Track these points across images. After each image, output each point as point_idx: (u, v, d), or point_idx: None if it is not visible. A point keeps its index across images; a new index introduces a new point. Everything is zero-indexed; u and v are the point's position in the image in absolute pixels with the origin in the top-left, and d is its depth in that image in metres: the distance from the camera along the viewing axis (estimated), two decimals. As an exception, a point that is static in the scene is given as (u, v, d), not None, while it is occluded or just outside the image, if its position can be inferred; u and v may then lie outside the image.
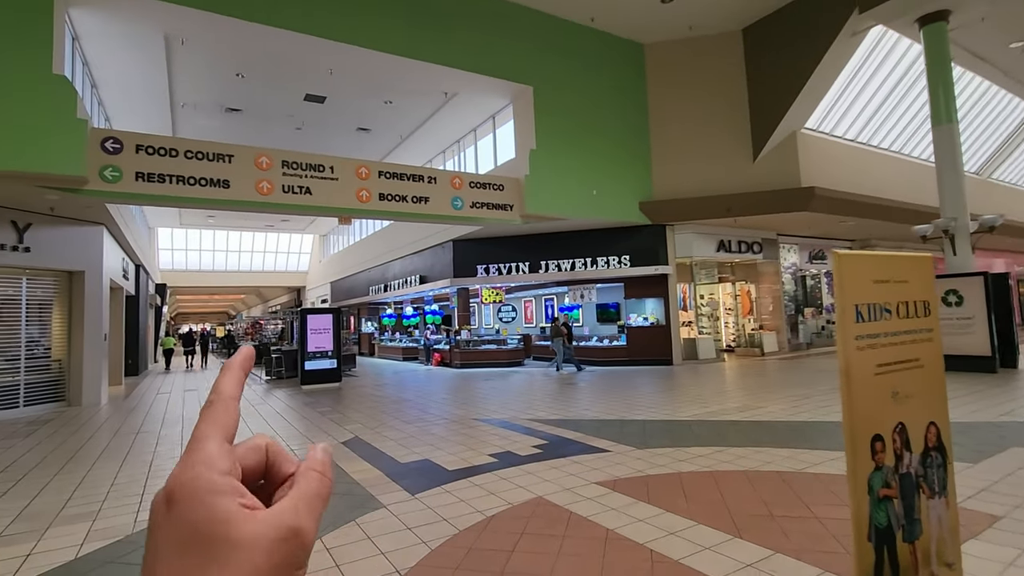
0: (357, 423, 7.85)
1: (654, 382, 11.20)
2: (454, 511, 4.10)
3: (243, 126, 14.52)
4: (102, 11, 8.78)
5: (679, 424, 6.94)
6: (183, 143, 8.75)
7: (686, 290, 15.39)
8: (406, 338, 21.83)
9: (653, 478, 4.74)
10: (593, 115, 13.23)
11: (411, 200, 10.81)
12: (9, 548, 3.69)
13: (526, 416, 7.88)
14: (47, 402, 10.17)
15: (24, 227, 9.54)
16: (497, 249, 15.66)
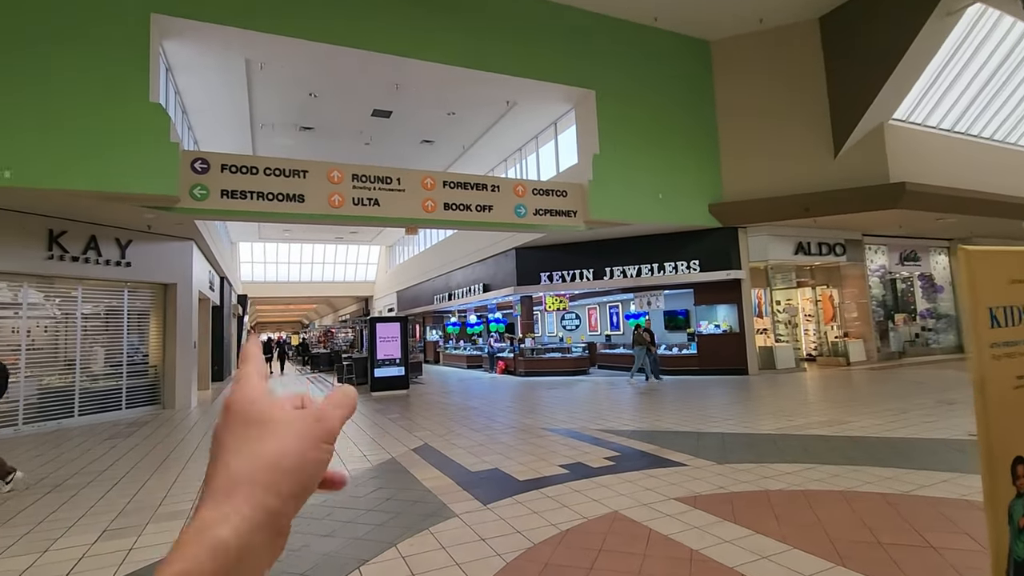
0: (426, 430, 7.92)
1: (729, 392, 10.65)
2: (527, 523, 4.00)
3: (316, 143, 15.24)
4: (191, 41, 9.47)
5: (761, 438, 6.51)
6: (262, 161, 9.25)
7: (761, 295, 14.60)
8: (470, 346, 22.04)
9: (738, 495, 4.43)
10: (657, 117, 12.88)
11: (475, 209, 10.90)
12: (115, 541, 3.94)
13: (595, 426, 7.67)
14: (145, 405, 11.01)
15: (126, 244, 10.41)
16: (560, 256, 15.52)
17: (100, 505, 4.84)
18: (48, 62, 7.64)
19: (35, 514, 4.64)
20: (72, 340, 9.89)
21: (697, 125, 13.43)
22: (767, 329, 14.51)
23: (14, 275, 9.05)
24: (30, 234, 9.03)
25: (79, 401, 9.87)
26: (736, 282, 13.71)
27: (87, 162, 7.65)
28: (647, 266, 14.47)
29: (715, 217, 13.31)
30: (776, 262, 14.19)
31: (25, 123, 7.41)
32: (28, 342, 9.33)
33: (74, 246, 9.58)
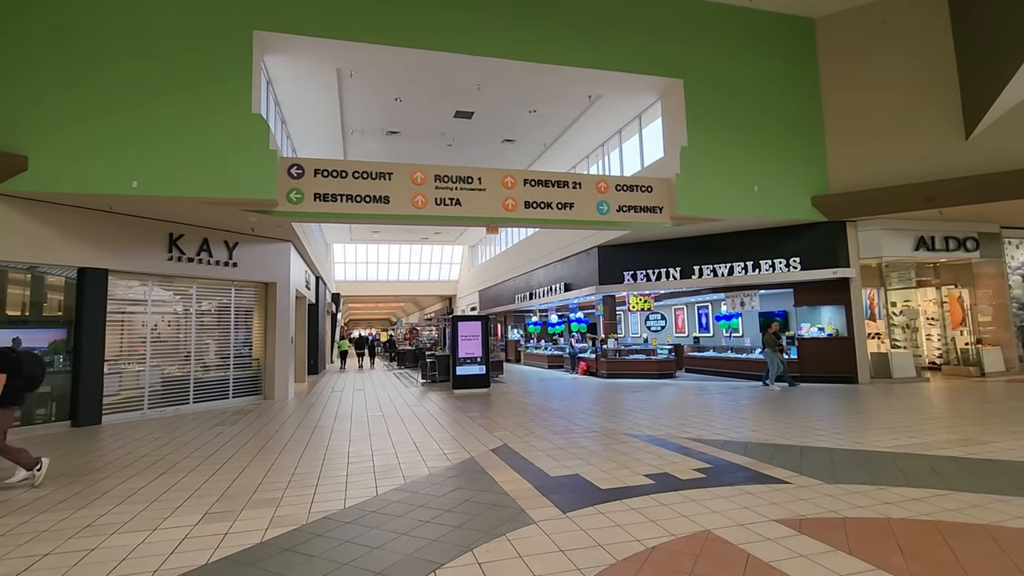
0: (505, 430, 7.84)
1: (836, 402, 9.66)
2: (609, 536, 3.74)
3: (402, 147, 15.76)
4: (289, 55, 10.07)
5: (878, 456, 5.77)
6: (351, 164, 9.63)
7: (873, 296, 13.18)
8: (551, 346, 21.87)
9: (853, 522, 3.90)
10: (752, 104, 11.98)
11: (556, 207, 10.71)
12: (213, 525, 4.16)
13: (683, 434, 7.21)
14: (249, 395, 11.88)
15: (233, 245, 11.29)
16: (645, 254, 14.93)
17: (205, 488, 5.19)
18: (163, 83, 8.42)
19: (150, 493, 5.04)
20: (188, 334, 10.87)
21: (798, 110, 12.35)
22: (880, 333, 13.06)
23: (143, 275, 10.08)
24: (154, 238, 10.01)
25: (194, 390, 10.82)
26: (844, 281, 12.46)
27: (197, 171, 8.34)
28: (740, 264, 13.54)
29: (819, 210, 12.18)
30: (892, 259, 12.73)
31: (147, 138, 8.21)
32: (154, 335, 10.35)
33: (190, 248, 10.52)
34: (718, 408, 9.50)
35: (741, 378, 14.09)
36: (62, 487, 5.31)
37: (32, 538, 3.95)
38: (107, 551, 3.69)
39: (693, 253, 14.24)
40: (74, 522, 4.28)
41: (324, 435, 7.78)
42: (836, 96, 12.42)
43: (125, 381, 9.85)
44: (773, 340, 12.07)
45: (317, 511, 4.42)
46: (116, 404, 9.60)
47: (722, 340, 16.81)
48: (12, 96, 7.79)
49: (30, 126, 7.81)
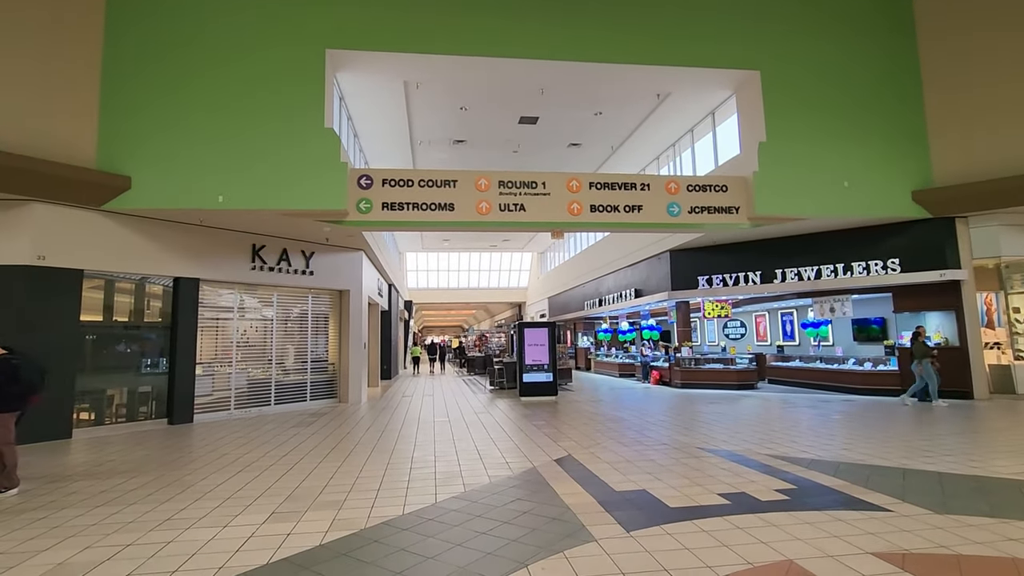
0: (571, 440, 7.60)
1: (947, 420, 8.59)
2: (677, 561, 3.44)
3: (468, 155, 15.96)
4: (359, 70, 10.46)
5: (1000, 483, 5.00)
6: (417, 173, 9.81)
7: (991, 301, 11.69)
8: (622, 354, 21.26)
9: (969, 560, 3.35)
10: (839, 92, 11.02)
11: (623, 210, 10.36)
12: (278, 524, 4.27)
13: (764, 450, 6.64)
14: (325, 398, 12.38)
15: (309, 255, 11.85)
16: (721, 258, 14.14)
17: (275, 487, 5.37)
18: (245, 106, 8.99)
19: (226, 490, 5.28)
20: (270, 339, 11.51)
21: (894, 97, 11.23)
22: (1001, 343, 11.54)
23: (229, 283, 10.80)
24: (238, 249, 10.70)
25: (275, 392, 11.42)
26: (954, 284, 11.13)
27: (275, 185, 8.81)
28: (828, 267, 12.48)
29: (921, 206, 10.97)
30: (1014, 259, 11.23)
31: (231, 157, 8.79)
32: (242, 340, 11.05)
33: (270, 258, 11.16)
34: (805, 423, 8.72)
35: (831, 390, 12.94)
36: (152, 480, 5.70)
37: (119, 528, 4.22)
38: (180, 545, 3.86)
39: (775, 255, 13.30)
40: (157, 515, 4.54)
41: (391, 439, 7.90)
42: (938, 77, 11.16)
43: (215, 383, 10.55)
44: (925, 348, 10.49)
45: (376, 516, 4.42)
46: (207, 404, 10.30)
47: (809, 349, 15.56)
48: (119, 124, 8.61)
49: (132, 149, 8.59)
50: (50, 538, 4.03)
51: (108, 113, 8.60)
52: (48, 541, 3.97)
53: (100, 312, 9.07)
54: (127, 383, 9.35)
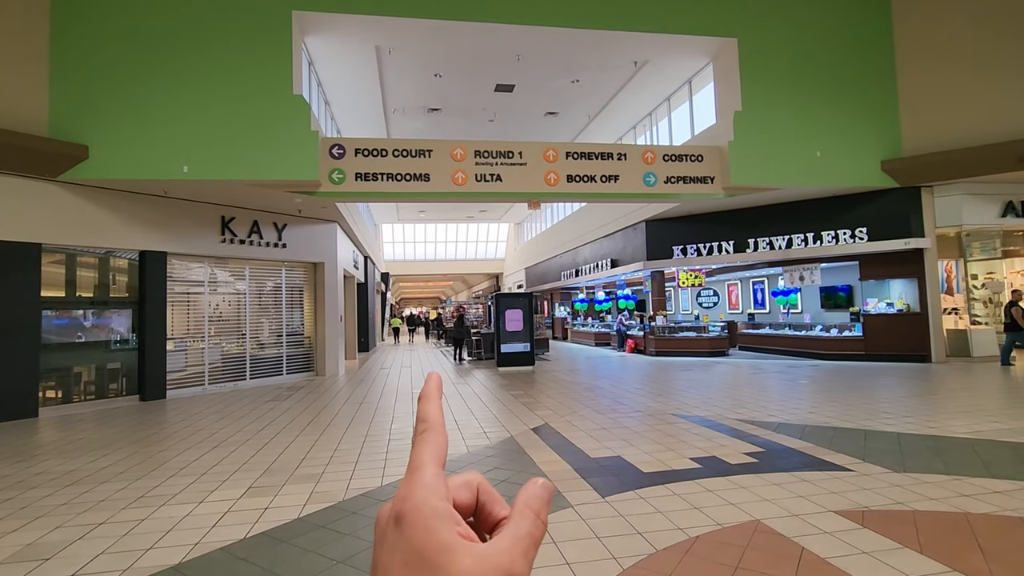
0: (548, 409, 7.72)
1: (906, 383, 8.97)
2: (649, 523, 3.55)
3: (443, 124, 15.62)
4: (327, 33, 10.04)
5: (954, 442, 5.27)
6: (391, 143, 9.57)
7: (951, 268, 12.12)
8: (598, 323, 21.53)
9: (924, 515, 3.54)
10: (814, 62, 11.03)
11: (600, 180, 10.31)
12: (255, 499, 4.26)
13: (734, 415, 6.85)
14: (301, 372, 12.29)
15: (282, 227, 11.56)
16: (695, 228, 14.29)
17: (252, 462, 5.34)
18: (207, 70, 8.56)
19: (202, 466, 5.24)
20: (244, 313, 11.29)
21: (867, 66, 11.29)
22: (959, 309, 12.02)
23: (198, 257, 10.49)
24: (207, 221, 10.37)
25: (250, 366, 11.28)
26: (917, 252, 11.48)
27: (243, 155, 8.49)
28: (799, 236, 12.73)
29: (890, 175, 11.18)
30: (974, 227, 11.62)
31: (194, 124, 8.41)
32: (214, 315, 10.81)
33: (241, 230, 10.85)
34: (773, 388, 9.01)
35: (800, 356, 13.37)
36: (124, 458, 5.61)
37: (90, 507, 4.16)
38: (155, 522, 3.83)
39: (748, 225, 13.49)
40: (130, 493, 4.49)
41: (369, 412, 7.91)
42: (912, 49, 11.25)
43: (188, 358, 10.35)
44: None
45: (355, 488, 4.45)
46: (180, 380, 10.12)
47: (779, 317, 15.98)
48: (73, 87, 8.14)
49: (89, 116, 8.15)
50: (17, 519, 3.95)
51: (59, 78, 8.10)
52: (16, 523, 3.89)
53: (62, 288, 8.75)
54: (95, 359, 9.11)
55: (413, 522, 0.33)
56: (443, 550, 0.33)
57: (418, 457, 0.37)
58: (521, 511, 0.37)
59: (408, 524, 0.33)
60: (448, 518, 0.34)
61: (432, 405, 0.39)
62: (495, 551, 0.34)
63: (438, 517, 0.34)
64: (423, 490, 0.35)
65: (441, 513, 0.34)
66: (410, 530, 0.33)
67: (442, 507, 0.34)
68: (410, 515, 0.34)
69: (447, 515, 0.34)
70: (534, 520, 0.36)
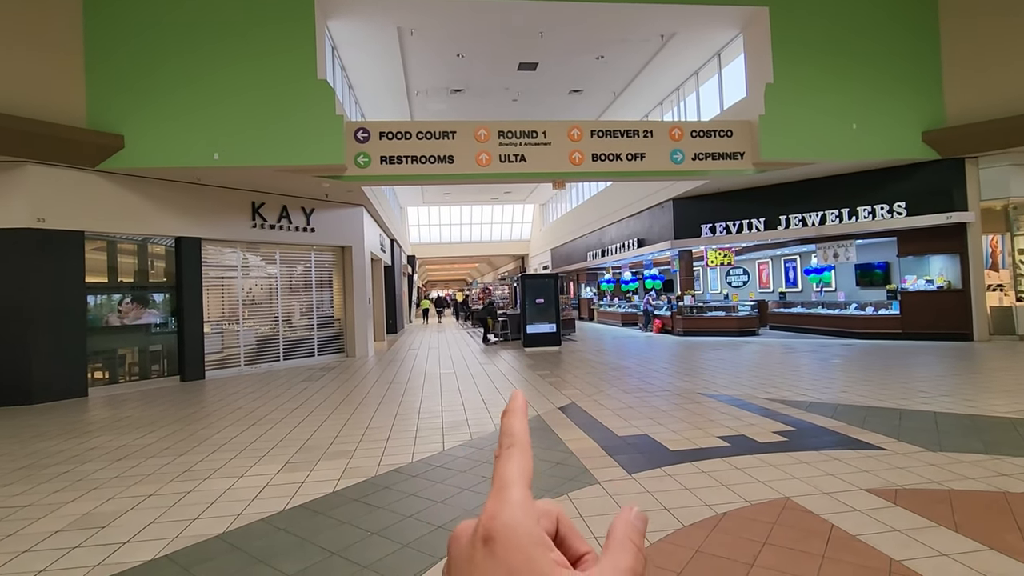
0: (575, 388, 7.76)
1: (945, 362, 8.70)
2: (676, 500, 3.58)
3: (466, 105, 15.53)
4: (350, 15, 10.05)
5: (995, 422, 5.11)
6: (414, 125, 9.59)
7: (996, 243, 11.59)
8: (625, 303, 21.39)
9: (960, 495, 3.47)
10: (850, 29, 10.55)
11: (625, 158, 10.15)
12: (292, 474, 4.43)
13: (763, 395, 6.78)
14: (332, 353, 12.59)
15: (310, 212, 11.76)
16: (725, 205, 13.98)
17: (288, 439, 5.54)
18: (232, 55, 8.69)
19: (241, 443, 5.46)
20: (276, 297, 11.59)
21: (908, 33, 10.76)
22: (1004, 285, 11.52)
23: (231, 242, 10.78)
24: (238, 207, 10.62)
25: (283, 348, 11.61)
26: (959, 227, 11.03)
27: (270, 141, 8.63)
28: (833, 212, 12.34)
29: (931, 147, 10.71)
30: (1023, 199, 11.06)
31: (224, 112, 8.57)
32: (248, 298, 11.14)
33: (271, 215, 11.08)
34: (804, 367, 8.86)
35: (832, 335, 13.07)
36: (169, 435, 5.88)
37: (140, 480, 4.39)
38: (200, 494, 4.02)
39: (779, 201, 13.14)
40: (175, 467, 4.71)
41: (398, 391, 8.08)
42: (956, 12, 10.65)
43: (224, 340, 10.71)
44: None
45: (387, 464, 4.58)
46: (217, 361, 10.50)
47: (811, 295, 15.61)
48: (107, 79, 8.37)
49: (123, 107, 8.38)
50: (74, 491, 4.21)
51: (95, 71, 8.34)
52: (73, 494, 4.14)
53: (105, 273, 9.12)
54: (138, 342, 9.50)
55: (508, 545, 0.31)
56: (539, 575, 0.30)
57: (505, 474, 0.34)
58: (622, 543, 0.34)
59: (502, 546, 0.31)
60: (545, 545, 0.32)
61: (518, 421, 0.37)
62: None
63: (535, 543, 0.31)
64: (516, 510, 0.32)
65: (537, 539, 0.32)
66: (505, 553, 0.31)
67: (537, 532, 0.32)
68: (503, 536, 0.31)
69: (543, 541, 0.32)
70: (636, 554, 0.33)
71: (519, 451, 0.35)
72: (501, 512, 0.32)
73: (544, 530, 0.34)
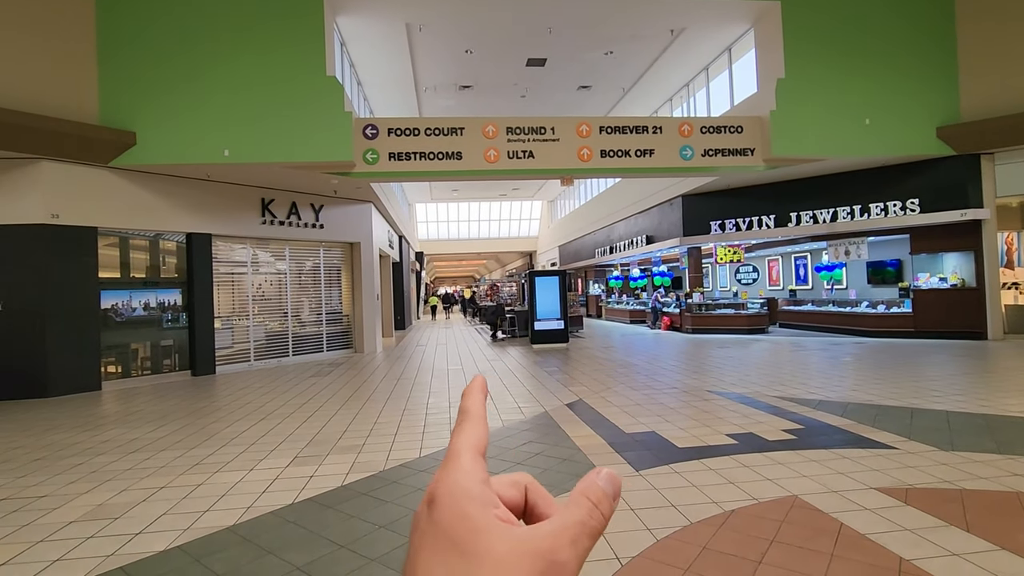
0: (582, 385, 7.76)
1: (958, 361, 8.60)
2: (684, 497, 3.57)
3: (475, 101, 15.52)
4: (359, 11, 10.07)
5: (1008, 421, 5.05)
6: (423, 122, 9.59)
7: (1012, 240, 11.43)
8: (633, 300, 21.32)
9: (972, 495, 3.43)
10: (863, 23, 10.41)
11: (634, 154, 10.10)
12: (302, 468, 4.47)
13: (772, 392, 6.74)
14: (341, 349, 12.67)
15: (318, 208, 11.82)
16: (734, 202, 13.88)
17: (297, 433, 5.58)
18: (242, 51, 8.73)
19: (250, 437, 5.51)
20: (285, 292, 11.68)
21: (922, 26, 10.60)
22: (1019, 283, 11.36)
23: (240, 238, 10.86)
24: (248, 203, 10.69)
25: (292, 343, 11.70)
26: (975, 224, 10.87)
27: (280, 137, 8.68)
28: (845, 209, 12.21)
29: (946, 142, 10.56)
30: (1039, 196, 10.89)
31: (233, 108, 8.62)
32: (258, 294, 11.23)
33: (280, 212, 11.15)
34: (814, 365, 8.79)
35: (844, 333, 12.96)
36: (180, 428, 5.95)
37: (152, 473, 4.45)
38: (211, 487, 4.07)
39: (790, 198, 13.02)
40: (187, 460, 4.77)
41: (406, 387, 8.12)
42: (973, 4, 10.48)
43: (234, 336, 10.81)
44: None
45: (395, 459, 4.61)
46: (228, 356, 10.59)
47: (822, 293, 15.47)
48: (119, 76, 8.45)
49: (134, 104, 8.46)
50: (88, 482, 4.27)
51: (107, 68, 8.42)
52: (87, 485, 4.21)
53: (117, 269, 9.22)
54: (150, 337, 9.61)
55: (445, 503, 0.31)
56: (475, 532, 0.30)
57: (455, 445, 0.35)
58: (576, 499, 0.33)
59: (439, 506, 0.31)
60: (483, 500, 0.32)
61: (473, 399, 0.38)
62: (536, 535, 0.31)
63: (471, 498, 0.31)
64: (456, 473, 0.33)
65: (475, 495, 0.32)
66: (440, 512, 0.31)
67: (476, 489, 0.32)
68: (442, 498, 0.32)
69: (482, 497, 0.32)
70: (590, 509, 0.33)
71: (470, 423, 0.36)
72: (444, 477, 0.33)
73: (511, 500, 0.35)
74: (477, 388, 0.39)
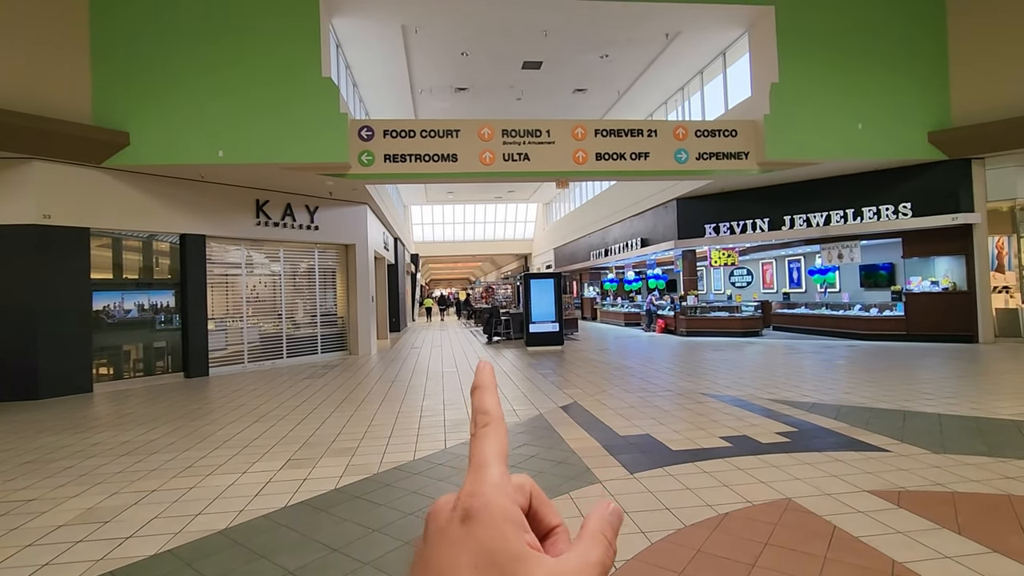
0: (577, 388, 7.76)
1: (950, 364, 8.66)
2: (678, 500, 3.57)
3: (470, 103, 15.53)
4: (355, 12, 10.06)
5: (999, 424, 5.09)
6: (418, 124, 9.59)
7: (1002, 244, 11.52)
8: (628, 303, 21.36)
9: (963, 497, 3.45)
10: (856, 28, 10.49)
11: (629, 157, 10.13)
12: (295, 471, 4.44)
13: (766, 395, 6.76)
14: (335, 351, 12.62)
15: (314, 210, 11.79)
16: (729, 205, 13.94)
17: (290, 436, 5.55)
18: (237, 52, 8.70)
19: (243, 439, 5.48)
20: (280, 294, 11.62)
21: (914, 31, 10.70)
22: (1010, 287, 11.45)
23: (235, 239, 10.81)
24: (243, 205, 10.65)
25: (287, 345, 11.64)
26: (965, 228, 10.96)
27: (275, 138, 8.65)
28: (838, 212, 12.29)
29: (938, 147, 10.65)
30: (1029, 200, 11.00)
31: (228, 109, 8.59)
32: (252, 296, 11.17)
33: (275, 213, 11.11)
34: (808, 368, 8.83)
35: (837, 336, 13.03)
36: (172, 431, 5.91)
37: (143, 476, 4.41)
38: (203, 490, 4.04)
39: (784, 202, 13.09)
40: (179, 463, 4.74)
41: (400, 390, 8.10)
42: (965, 10, 10.58)
43: (228, 337, 10.74)
44: None
45: (389, 461, 4.59)
46: (221, 358, 10.53)
47: (815, 296, 15.56)
48: (113, 75, 8.39)
49: (128, 103, 8.41)
50: (78, 485, 4.23)
51: (100, 68, 8.37)
52: (77, 488, 4.17)
53: (110, 270, 9.16)
54: (142, 339, 9.54)
55: (484, 522, 0.31)
56: (515, 558, 0.31)
57: (482, 453, 0.35)
58: (594, 536, 0.34)
59: (479, 524, 0.31)
60: (519, 524, 0.32)
61: (490, 396, 0.37)
62: (566, 571, 0.32)
63: (509, 521, 0.32)
64: (492, 489, 0.33)
65: (512, 517, 0.32)
66: (481, 530, 0.31)
67: (512, 511, 0.32)
68: (480, 514, 0.32)
69: (517, 521, 0.32)
70: (606, 548, 0.34)
71: (494, 429, 0.36)
72: (479, 491, 0.32)
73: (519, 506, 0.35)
74: (490, 384, 0.38)
